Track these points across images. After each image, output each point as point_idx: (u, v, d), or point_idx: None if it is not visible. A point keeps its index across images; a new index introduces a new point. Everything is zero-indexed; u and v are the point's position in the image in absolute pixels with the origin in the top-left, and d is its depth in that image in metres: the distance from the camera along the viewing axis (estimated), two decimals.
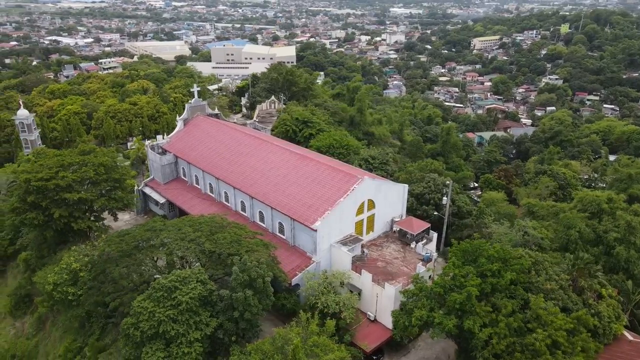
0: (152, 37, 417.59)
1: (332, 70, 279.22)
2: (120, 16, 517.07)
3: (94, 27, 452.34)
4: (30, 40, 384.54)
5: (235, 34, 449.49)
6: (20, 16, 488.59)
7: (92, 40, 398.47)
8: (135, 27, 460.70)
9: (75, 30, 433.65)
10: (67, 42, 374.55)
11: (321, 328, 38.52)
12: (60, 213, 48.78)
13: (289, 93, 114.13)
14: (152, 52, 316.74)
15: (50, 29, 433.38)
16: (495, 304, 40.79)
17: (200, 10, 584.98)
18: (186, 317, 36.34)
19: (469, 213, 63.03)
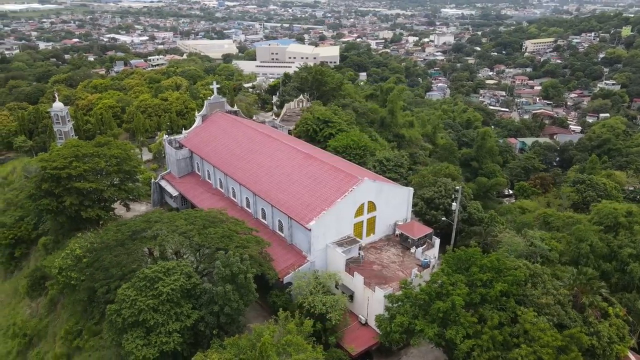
0: (203, 36, 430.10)
1: (375, 71, 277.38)
2: (175, 15, 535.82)
3: (150, 26, 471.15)
4: (91, 37, 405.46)
5: (284, 34, 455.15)
6: (83, 15, 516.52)
7: (147, 38, 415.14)
8: (188, 26, 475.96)
9: (133, 29, 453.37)
10: (123, 40, 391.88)
11: (299, 327, 38.51)
12: (72, 201, 51.41)
13: (317, 92, 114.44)
14: (201, 50, 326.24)
15: (109, 27, 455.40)
16: (482, 315, 39.38)
17: (251, 10, 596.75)
18: (167, 307, 37.36)
19: (480, 220, 61.03)
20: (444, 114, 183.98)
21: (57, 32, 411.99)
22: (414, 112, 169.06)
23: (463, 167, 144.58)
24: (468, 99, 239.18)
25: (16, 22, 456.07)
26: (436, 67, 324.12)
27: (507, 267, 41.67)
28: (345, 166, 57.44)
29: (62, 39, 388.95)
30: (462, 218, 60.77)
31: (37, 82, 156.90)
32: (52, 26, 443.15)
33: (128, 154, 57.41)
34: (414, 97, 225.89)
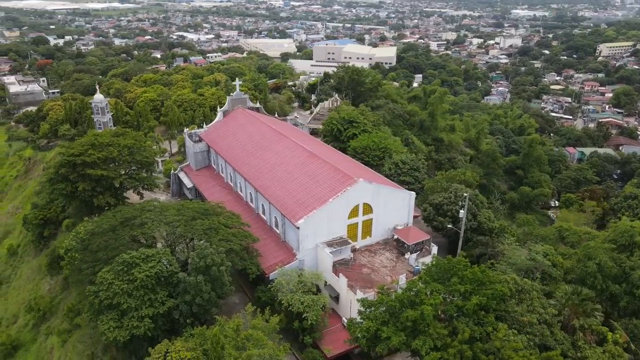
0: (265, 35, 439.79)
1: (431, 73, 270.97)
2: (242, 14, 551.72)
3: (217, 25, 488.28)
4: (161, 35, 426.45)
5: (345, 34, 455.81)
6: (157, 13, 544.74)
7: (213, 36, 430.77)
8: (252, 25, 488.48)
9: (201, 27, 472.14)
10: (191, 38, 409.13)
11: (266, 323, 38.72)
12: (84, 187, 54.71)
13: (353, 92, 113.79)
14: (261, 49, 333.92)
15: (179, 25, 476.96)
16: (456, 328, 37.71)
17: (315, 10, 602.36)
18: (141, 293, 38.81)
19: (490, 230, 58.20)
20: (495, 119, 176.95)
21: (132, 30, 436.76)
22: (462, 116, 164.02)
23: (507, 175, 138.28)
24: (527, 105, 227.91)
25: (97, 19, 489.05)
26: (498, 71, 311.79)
27: (490, 280, 39.60)
28: (349, 167, 56.87)
29: (136, 36, 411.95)
30: (470, 227, 58.33)
31: (101, 75, 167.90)
32: (129, 24, 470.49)
33: (141, 145, 60.11)
34: (468, 101, 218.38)
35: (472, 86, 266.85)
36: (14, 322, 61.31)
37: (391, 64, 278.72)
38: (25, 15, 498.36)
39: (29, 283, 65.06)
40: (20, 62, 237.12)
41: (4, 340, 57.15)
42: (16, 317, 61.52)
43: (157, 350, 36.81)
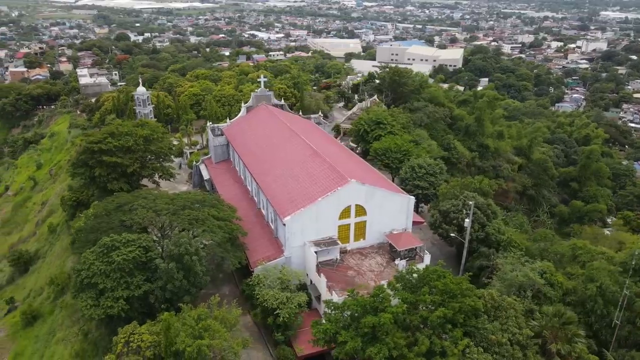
0: (334, 35, 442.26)
1: (499, 77, 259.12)
2: (314, 14, 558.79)
3: (288, 24, 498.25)
4: (234, 33, 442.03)
5: (414, 35, 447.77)
6: (233, 13, 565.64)
7: (283, 35, 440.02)
8: (323, 24, 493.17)
9: (272, 26, 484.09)
10: (261, 37, 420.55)
11: (228, 316, 39.23)
12: (100, 172, 58.38)
13: (393, 93, 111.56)
14: (327, 49, 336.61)
15: (252, 24, 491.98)
16: (418, 340, 36.14)
17: (387, 11, 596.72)
18: (117, 275, 40.80)
19: (497, 243, 54.87)
20: (558, 127, 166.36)
21: (207, 28, 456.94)
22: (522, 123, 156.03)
23: (561, 188, 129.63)
24: (601, 114, 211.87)
25: (178, 18, 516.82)
26: (575, 76, 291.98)
27: (462, 292, 37.47)
28: (353, 168, 55.94)
29: (211, 34, 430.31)
30: (477, 237, 55.40)
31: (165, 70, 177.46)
32: (205, 22, 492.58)
33: (158, 136, 62.95)
34: (535, 107, 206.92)
35: (543, 92, 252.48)
36: (40, 294, 66.62)
37: (456, 66, 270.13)
38: (115, 13, 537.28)
39: (58, 259, 70.36)
40: (102, 56, 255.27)
41: (25, 309, 62.33)
42: (42, 289, 66.81)
43: (124, 331, 38.61)
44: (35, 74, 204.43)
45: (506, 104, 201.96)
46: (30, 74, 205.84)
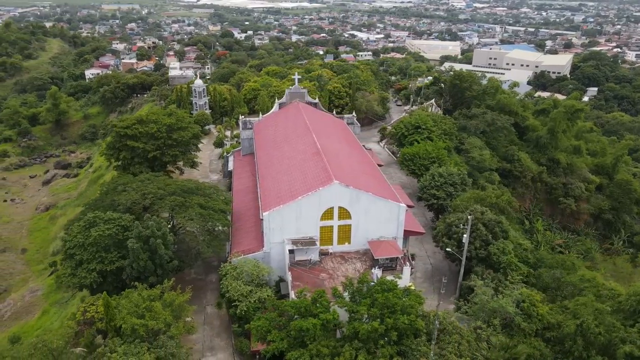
0: (435, 37, 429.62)
1: (611, 87, 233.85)
2: (419, 15, 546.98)
3: (390, 25, 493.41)
4: (335, 33, 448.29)
5: (524, 38, 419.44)
6: (338, 13, 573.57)
7: (382, 36, 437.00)
8: (426, 26, 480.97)
9: (374, 27, 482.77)
10: (360, 37, 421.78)
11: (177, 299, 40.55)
12: (124, 155, 63.31)
13: (452, 98, 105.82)
14: (424, 50, 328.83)
15: (354, 24, 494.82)
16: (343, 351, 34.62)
17: (499, 12, 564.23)
18: (93, 249, 44.18)
19: (497, 263, 49.91)
20: None
21: (310, 27, 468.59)
22: (620, 139, 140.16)
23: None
24: None
25: (285, 17, 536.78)
26: None
27: (403, 309, 35.03)
28: (349, 170, 54.50)
29: (313, 33, 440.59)
30: (477, 255, 51.01)
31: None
32: (310, 22, 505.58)
33: (182, 125, 66.46)
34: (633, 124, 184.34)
35: None
36: None
37: (559, 73, 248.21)
38: (229, 12, 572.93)
39: None
40: (205, 51, 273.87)
41: (59, 273, 69.61)
42: None
43: (87, 301, 41.85)
44: (142, 66, 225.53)
45: (612, 117, 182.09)
46: (138, 65, 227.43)
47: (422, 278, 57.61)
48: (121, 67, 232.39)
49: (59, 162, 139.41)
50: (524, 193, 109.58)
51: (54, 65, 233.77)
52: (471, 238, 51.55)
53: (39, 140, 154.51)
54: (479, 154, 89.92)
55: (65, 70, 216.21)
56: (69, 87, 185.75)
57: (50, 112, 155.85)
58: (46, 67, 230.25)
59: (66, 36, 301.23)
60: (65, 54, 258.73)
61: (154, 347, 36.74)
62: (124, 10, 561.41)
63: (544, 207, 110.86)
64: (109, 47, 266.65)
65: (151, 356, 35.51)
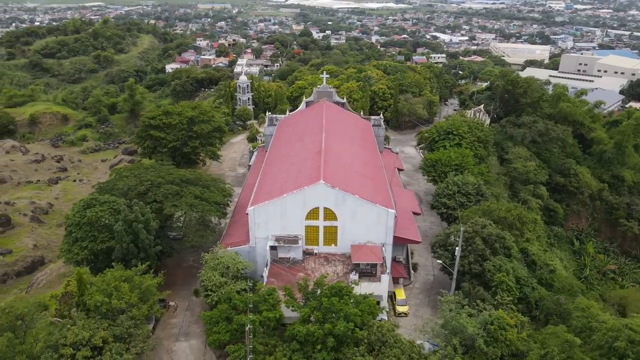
0: (524, 40, 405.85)
1: None
2: (510, 17, 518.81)
3: (477, 27, 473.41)
4: (418, 34, 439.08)
5: (628, 43, 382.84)
6: (424, 14, 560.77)
7: (466, 38, 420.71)
8: (516, 28, 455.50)
9: (459, 28, 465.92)
10: (442, 39, 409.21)
11: (147, 282, 42.32)
12: (148, 144, 67.11)
13: (505, 104, 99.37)
14: (508, 54, 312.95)
15: (439, 26, 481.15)
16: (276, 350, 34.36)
17: (603, 14, 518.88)
18: (87, 228, 47.43)
19: (491, 281, 46.27)
20: None
21: (392, 28, 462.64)
22: None
23: None
24: None
25: (368, 17, 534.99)
26: None
27: (346, 317, 33.89)
28: (347, 172, 53.42)
29: (394, 34, 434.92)
30: (471, 270, 47.78)
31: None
32: (393, 23, 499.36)
33: (204, 118, 68.95)
34: None
35: None
36: None
37: None
38: (314, 12, 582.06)
39: None
40: (281, 49, 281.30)
41: None
42: None
43: (71, 276, 44.97)
44: (218, 62, 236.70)
45: None
46: (215, 61, 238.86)
47: (420, 289, 55.16)
48: (200, 62, 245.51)
49: (126, 149, 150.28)
50: (579, 211, 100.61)
51: (142, 60, 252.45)
52: (466, 252, 48.52)
53: (115, 128, 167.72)
54: (522, 165, 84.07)
55: (149, 64, 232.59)
56: (148, 79, 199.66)
57: (127, 102, 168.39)
58: (134, 60, 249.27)
59: (158, 33, 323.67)
60: (153, 49, 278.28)
61: (115, 324, 38.75)
62: (217, 9, 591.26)
63: (602, 227, 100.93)
64: (192, 44, 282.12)
65: (107, 333, 37.47)
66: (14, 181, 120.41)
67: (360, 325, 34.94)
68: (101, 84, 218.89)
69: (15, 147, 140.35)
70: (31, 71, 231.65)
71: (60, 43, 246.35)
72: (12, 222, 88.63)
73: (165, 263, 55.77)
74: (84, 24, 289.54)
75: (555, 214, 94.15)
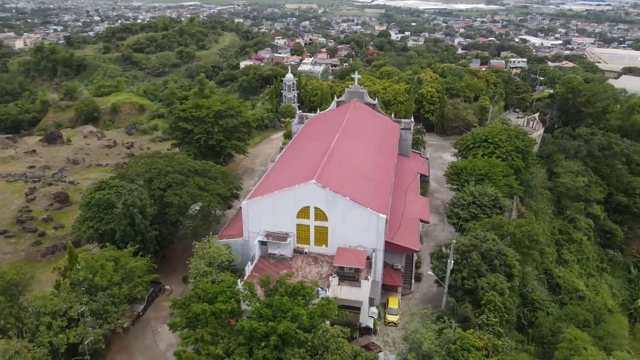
0: (628, 45, 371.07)
1: None
2: (615, 20, 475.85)
3: (574, 30, 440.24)
4: (506, 37, 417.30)
5: None
6: (516, 16, 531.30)
7: (560, 42, 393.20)
8: (621, 32, 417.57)
9: (553, 32, 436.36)
10: (532, 42, 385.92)
11: (132, 264, 44.55)
12: (177, 135, 70.42)
13: (563, 114, 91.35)
14: (604, 60, 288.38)
15: (531, 28, 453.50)
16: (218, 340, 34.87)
17: None
18: (95, 209, 50.86)
19: (482, 298, 42.96)
20: None
21: (479, 31, 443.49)
22: None
23: None
24: None
25: (455, 19, 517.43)
26: None
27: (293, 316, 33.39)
28: (346, 174, 52.25)
29: (480, 36, 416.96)
30: (464, 285, 44.84)
31: None
32: (480, 25, 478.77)
33: (231, 113, 70.83)
34: None
35: None
36: None
37: None
38: (399, 13, 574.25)
39: None
40: (357, 50, 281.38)
41: None
42: None
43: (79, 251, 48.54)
44: (290, 60, 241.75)
45: None
46: (288, 59, 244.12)
47: (419, 300, 52.73)
48: (273, 60, 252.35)
49: None
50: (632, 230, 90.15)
51: (221, 56, 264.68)
52: (460, 266, 45.62)
53: None
54: (571, 180, 77.18)
55: (225, 61, 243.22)
56: (220, 75, 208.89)
57: (196, 96, 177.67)
58: (214, 57, 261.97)
59: (240, 31, 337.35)
60: (233, 46, 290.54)
61: (94, 300, 41.28)
62: (303, 9, 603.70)
63: None
64: (269, 42, 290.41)
65: (84, 307, 39.98)
66: (85, 163, 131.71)
67: (308, 328, 34.21)
68: (181, 78, 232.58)
69: (93, 133, 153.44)
70: (122, 64, 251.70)
71: (150, 39, 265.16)
72: (70, 200, 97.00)
73: (173, 249, 58.43)
74: (173, 21, 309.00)
75: (612, 237, 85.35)
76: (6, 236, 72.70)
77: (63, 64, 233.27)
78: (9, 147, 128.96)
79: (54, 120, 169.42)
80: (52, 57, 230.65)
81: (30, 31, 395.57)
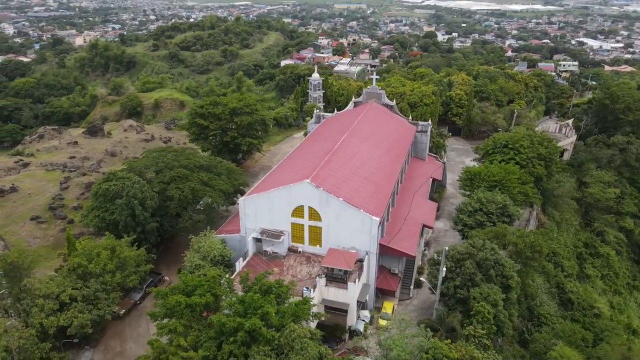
0: None
1: None
2: None
3: (639, 33, 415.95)
4: (563, 39, 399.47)
5: None
6: (574, 17, 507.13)
7: (621, 45, 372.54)
8: None
9: (614, 34, 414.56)
10: (590, 45, 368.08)
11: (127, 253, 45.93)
12: (194, 130, 72.01)
13: (600, 122, 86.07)
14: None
15: (590, 30, 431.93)
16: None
17: None
18: (101, 199, 52.82)
19: (472, 308, 41.17)
20: None
21: (533, 32, 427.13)
22: None
23: None
24: None
25: (508, 20, 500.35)
26: None
27: (263, 315, 33.40)
28: (346, 175, 51.51)
29: (533, 38, 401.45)
30: (456, 294, 43.25)
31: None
32: (535, 26, 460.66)
33: (247, 110, 71.57)
34: None
35: None
36: None
37: None
38: (450, 13, 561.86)
39: None
40: (400, 51, 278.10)
41: None
42: None
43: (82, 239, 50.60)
44: (331, 60, 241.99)
45: None
46: (328, 59, 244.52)
47: (416, 306, 51.38)
48: (314, 60, 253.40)
49: None
50: None
51: (263, 55, 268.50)
52: (454, 274, 44.02)
53: None
54: (600, 191, 72.92)
55: (267, 59, 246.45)
56: (260, 74, 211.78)
57: (234, 93, 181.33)
58: (257, 56, 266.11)
59: (285, 30, 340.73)
60: (277, 45, 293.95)
61: (86, 286, 42.88)
62: (352, 9, 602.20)
63: None
64: (312, 42, 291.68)
65: (76, 292, 41.64)
66: (122, 155, 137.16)
67: (278, 326, 34.04)
68: (223, 75, 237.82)
69: (132, 127, 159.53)
70: (169, 62, 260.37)
71: (196, 37, 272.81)
72: None
73: (178, 242, 59.77)
74: (219, 20, 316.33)
75: None
76: (38, 221, 76.62)
77: (115, 61, 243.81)
78: (53, 138, 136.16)
79: (100, 114, 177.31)
80: (105, 54, 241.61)
81: (90, 29, 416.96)
